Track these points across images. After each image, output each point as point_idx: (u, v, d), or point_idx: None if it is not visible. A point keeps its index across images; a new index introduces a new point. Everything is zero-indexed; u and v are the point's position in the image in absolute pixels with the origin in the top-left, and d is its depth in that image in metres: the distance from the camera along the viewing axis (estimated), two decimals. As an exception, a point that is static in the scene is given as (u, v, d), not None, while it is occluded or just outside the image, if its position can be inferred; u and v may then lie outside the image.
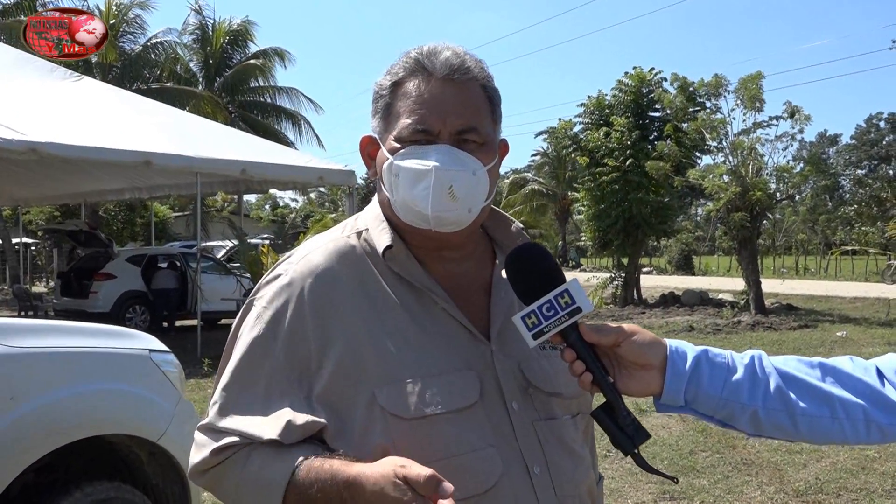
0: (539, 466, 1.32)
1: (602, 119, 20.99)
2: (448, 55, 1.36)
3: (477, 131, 1.35)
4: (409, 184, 1.31)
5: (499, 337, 1.37)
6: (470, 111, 1.35)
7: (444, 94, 1.34)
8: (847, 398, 1.26)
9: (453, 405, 1.28)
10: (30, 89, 12.67)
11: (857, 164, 77.38)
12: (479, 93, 1.38)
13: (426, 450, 1.25)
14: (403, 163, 1.32)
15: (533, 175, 53.41)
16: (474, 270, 1.45)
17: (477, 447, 1.28)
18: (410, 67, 1.37)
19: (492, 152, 1.38)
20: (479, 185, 1.34)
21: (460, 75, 1.35)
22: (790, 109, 16.97)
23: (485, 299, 1.42)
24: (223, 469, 1.32)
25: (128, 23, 29.76)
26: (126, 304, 15.99)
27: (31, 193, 19.20)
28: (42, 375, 3.14)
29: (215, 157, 12.91)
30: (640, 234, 20.48)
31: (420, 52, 1.37)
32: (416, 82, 1.35)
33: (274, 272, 1.41)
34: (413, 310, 1.35)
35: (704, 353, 1.28)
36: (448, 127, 1.33)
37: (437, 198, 1.29)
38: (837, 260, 39.74)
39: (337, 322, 1.31)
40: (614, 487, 5.67)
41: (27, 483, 3.17)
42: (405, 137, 1.33)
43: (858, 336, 14.07)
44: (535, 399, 1.36)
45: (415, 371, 1.29)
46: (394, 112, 1.37)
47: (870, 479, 5.92)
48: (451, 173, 1.29)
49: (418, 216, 1.32)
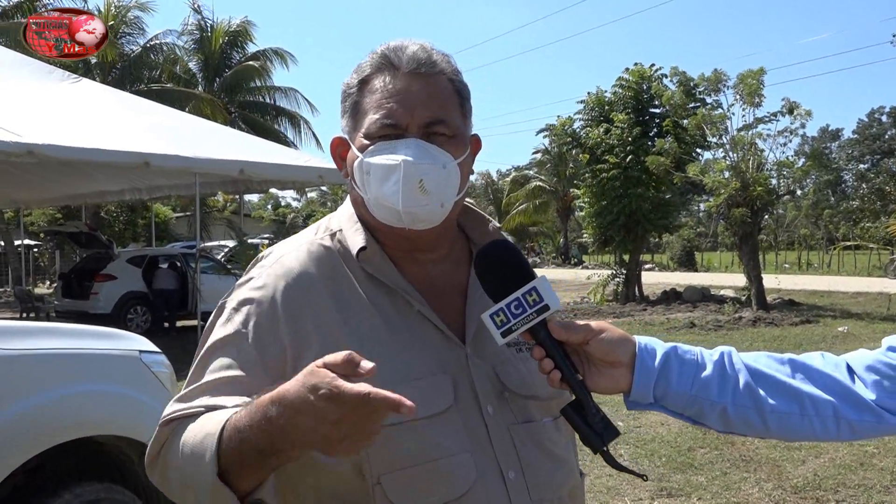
0: (514, 471, 1.31)
1: (602, 116, 20.97)
2: (414, 49, 1.35)
3: (445, 124, 1.33)
4: (379, 180, 1.30)
5: (474, 340, 1.35)
6: (437, 104, 1.33)
7: (410, 87, 1.32)
8: (817, 395, 1.24)
9: (427, 410, 1.26)
10: (28, 91, 12.68)
11: (860, 158, 77.18)
12: (446, 86, 1.36)
13: (400, 455, 1.24)
14: (373, 159, 1.30)
15: (534, 172, 53.36)
16: (450, 272, 1.43)
17: (451, 452, 1.27)
18: (377, 63, 1.35)
19: (462, 145, 1.36)
20: (450, 179, 1.32)
21: (427, 69, 1.34)
22: (788, 106, 16.95)
23: (461, 301, 1.40)
24: (168, 448, 1.24)
25: (127, 24, 29.79)
26: (127, 305, 16.02)
27: (32, 195, 19.23)
28: (31, 377, 3.14)
29: (213, 158, 12.92)
30: (641, 230, 20.46)
31: (386, 48, 1.36)
32: (382, 78, 1.34)
33: (247, 275, 1.39)
34: (387, 312, 1.33)
35: (674, 350, 1.26)
36: (416, 120, 1.31)
37: (408, 192, 1.27)
38: (840, 255, 39.70)
39: (310, 325, 1.29)
40: (611, 485, 5.65)
41: (17, 485, 3.16)
42: (373, 133, 1.32)
43: (860, 331, 14.04)
44: (511, 402, 1.35)
45: (389, 375, 1.24)
46: (361, 109, 1.35)
47: (868, 476, 5.90)
48: (421, 167, 1.28)
49: (390, 213, 1.30)
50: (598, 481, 5.61)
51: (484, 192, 55.19)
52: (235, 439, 1.09)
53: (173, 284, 16.41)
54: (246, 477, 1.11)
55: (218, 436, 1.11)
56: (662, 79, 20.60)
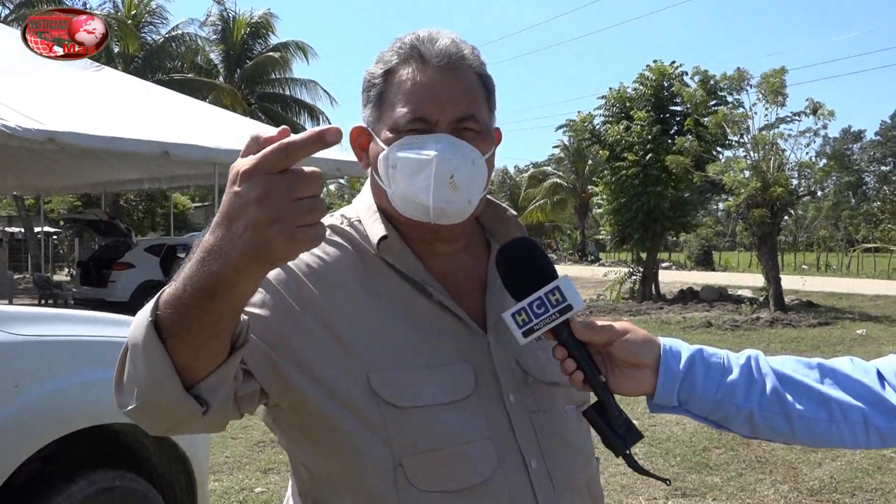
0: (536, 460, 1.30)
1: (623, 113, 20.87)
2: (446, 43, 1.32)
3: (475, 119, 1.31)
4: (407, 175, 1.27)
5: (495, 329, 1.34)
6: (468, 99, 1.31)
7: (441, 81, 1.30)
8: (846, 401, 1.21)
9: (447, 397, 1.26)
10: (49, 79, 12.76)
11: (882, 160, 76.46)
12: (474, 80, 1.34)
13: (420, 438, 1.24)
14: (401, 153, 1.28)
15: (552, 169, 53.24)
16: (469, 262, 1.42)
17: (471, 439, 1.26)
18: (405, 54, 1.32)
19: (489, 140, 1.34)
20: (479, 175, 1.30)
21: (456, 62, 1.31)
22: (812, 106, 16.80)
23: (480, 291, 1.39)
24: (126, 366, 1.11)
25: (150, 13, 29.93)
26: (144, 293, 16.09)
27: (52, 183, 19.38)
28: (47, 363, 3.14)
29: (233, 148, 12.91)
30: (659, 228, 20.35)
31: (416, 38, 1.33)
32: (410, 69, 1.31)
33: None
34: (408, 301, 1.32)
35: (699, 353, 1.24)
36: (446, 115, 1.29)
37: (439, 188, 1.25)
38: (859, 257, 39.40)
39: (331, 306, 1.28)
40: (625, 484, 5.62)
41: (32, 471, 3.18)
42: (401, 126, 1.29)
43: (879, 334, 13.90)
44: (535, 390, 1.34)
45: (409, 362, 1.27)
46: (387, 101, 1.32)
47: (886, 479, 5.84)
48: (452, 163, 1.25)
49: (418, 208, 1.28)
50: (612, 479, 5.58)
51: (500, 187, 55.16)
52: (172, 294, 0.99)
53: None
54: (192, 341, 1.01)
55: (155, 300, 1.02)
56: (683, 76, 20.48)
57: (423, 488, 1.24)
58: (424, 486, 1.24)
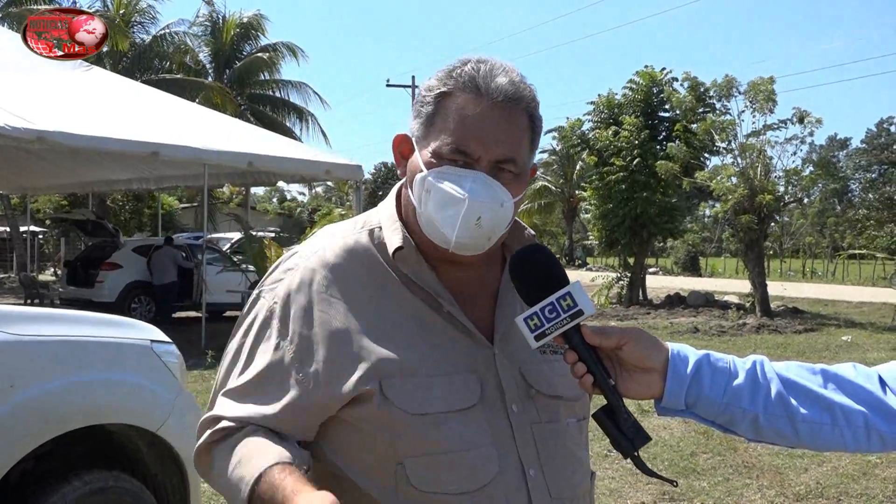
0: (535, 469, 1.34)
1: (611, 118, 20.94)
2: (504, 81, 1.31)
3: (515, 162, 1.32)
4: (438, 205, 1.29)
5: (501, 341, 1.38)
6: (512, 141, 1.32)
7: (491, 119, 1.30)
8: (848, 405, 1.24)
9: (454, 405, 1.30)
10: (39, 78, 12.69)
11: (867, 168, 76.99)
12: (524, 122, 1.34)
13: (424, 443, 1.28)
14: (439, 183, 1.29)
15: (540, 173, 53.31)
16: (483, 275, 1.45)
17: (474, 446, 1.30)
18: (463, 83, 1.32)
19: (524, 183, 1.37)
20: (505, 216, 1.33)
21: (511, 103, 1.31)
22: (799, 114, 16.93)
23: (491, 303, 1.42)
24: (215, 455, 1.35)
25: (140, 13, 29.78)
26: (131, 294, 16.04)
27: (39, 182, 19.26)
28: (43, 363, 3.14)
29: (223, 150, 12.93)
30: (646, 234, 20.44)
31: (476, 71, 1.32)
32: (464, 99, 1.31)
33: (285, 265, 1.42)
34: (419, 311, 1.36)
35: (706, 358, 1.27)
36: (488, 155, 1.30)
37: (464, 227, 1.28)
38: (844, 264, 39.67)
39: (344, 315, 1.33)
40: (614, 488, 5.66)
41: (26, 470, 3.17)
42: (444, 154, 1.30)
43: (864, 341, 14.02)
44: (536, 402, 1.37)
45: (418, 369, 1.30)
46: (436, 123, 1.33)
47: (871, 485, 5.90)
48: (482, 205, 1.28)
49: (440, 237, 1.31)
50: (600, 483, 5.61)
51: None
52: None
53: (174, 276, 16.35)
54: None
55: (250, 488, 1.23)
56: (673, 82, 20.58)
57: (423, 489, 1.28)
58: (424, 488, 1.28)
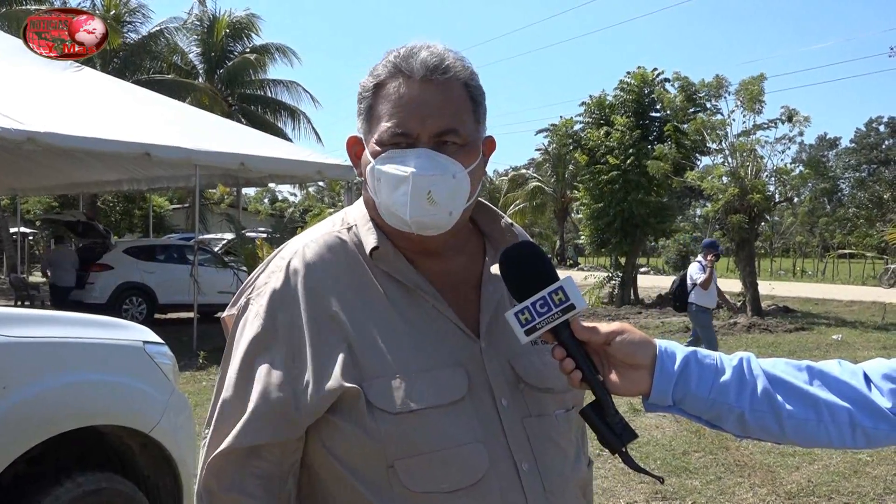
0: (527, 462, 1.33)
1: (603, 118, 21.00)
2: (425, 55, 1.34)
3: (457, 133, 1.33)
4: (389, 188, 1.32)
5: (488, 333, 1.37)
6: (450, 112, 1.33)
7: (422, 95, 1.32)
8: (833, 402, 1.26)
9: (440, 400, 1.28)
10: (30, 79, 12.65)
11: (857, 167, 77.32)
12: (460, 92, 1.36)
13: (413, 442, 1.26)
14: (384, 167, 1.32)
15: (532, 172, 53.40)
16: (465, 266, 1.45)
17: (463, 442, 1.29)
18: (388, 71, 1.35)
19: (474, 152, 1.37)
20: (460, 188, 1.33)
21: (439, 75, 1.33)
22: (788, 113, 17.01)
23: (475, 295, 1.42)
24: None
25: (130, 12, 29.67)
26: (122, 295, 15.98)
27: (30, 183, 19.18)
28: (34, 365, 3.13)
29: (214, 150, 12.90)
30: (638, 233, 20.51)
31: (397, 55, 1.35)
32: (395, 84, 1.34)
33: (268, 268, 1.41)
34: (402, 306, 1.35)
35: (693, 354, 1.28)
36: (427, 129, 1.31)
37: (416, 203, 1.29)
38: (834, 263, 39.82)
39: (329, 316, 1.32)
40: (606, 487, 5.67)
41: (18, 473, 3.16)
42: (385, 140, 1.33)
43: (854, 339, 14.09)
44: (526, 395, 1.37)
45: (403, 367, 1.29)
46: (375, 114, 1.36)
47: (862, 483, 5.93)
48: (429, 178, 1.29)
49: (399, 220, 1.33)
50: (593, 482, 5.62)
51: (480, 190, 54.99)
52: None
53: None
54: None
55: None
56: (664, 83, 20.64)
57: (414, 489, 1.27)
58: (416, 487, 1.27)
